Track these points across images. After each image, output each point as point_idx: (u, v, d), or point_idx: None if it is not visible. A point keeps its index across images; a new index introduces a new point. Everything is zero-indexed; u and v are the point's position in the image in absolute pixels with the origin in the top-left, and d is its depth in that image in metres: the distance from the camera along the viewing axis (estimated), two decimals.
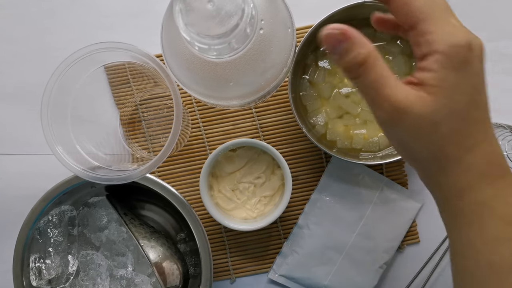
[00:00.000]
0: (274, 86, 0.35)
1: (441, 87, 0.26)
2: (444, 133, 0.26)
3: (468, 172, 0.27)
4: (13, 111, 0.54)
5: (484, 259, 0.27)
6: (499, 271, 0.26)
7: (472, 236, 0.27)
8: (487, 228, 0.27)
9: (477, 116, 0.27)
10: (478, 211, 0.27)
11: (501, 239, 0.26)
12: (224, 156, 0.51)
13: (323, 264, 0.52)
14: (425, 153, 0.27)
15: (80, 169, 0.41)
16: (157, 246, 0.46)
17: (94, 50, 0.41)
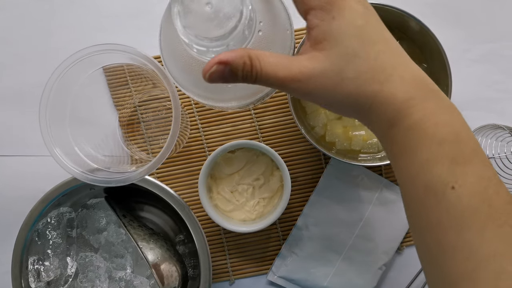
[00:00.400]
0: (272, 88, 0.35)
1: (327, 39, 0.27)
2: (352, 76, 0.27)
3: (391, 101, 0.27)
4: (12, 112, 0.54)
5: (419, 182, 0.27)
6: (435, 192, 0.26)
7: (407, 162, 0.28)
8: (419, 152, 0.27)
9: (376, 50, 0.27)
10: (409, 136, 0.27)
11: (433, 160, 0.26)
12: (223, 157, 0.51)
13: (322, 265, 0.52)
14: (350, 100, 0.28)
15: (79, 171, 0.41)
16: (156, 248, 0.46)
17: (93, 52, 0.40)
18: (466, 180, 0.26)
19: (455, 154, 0.26)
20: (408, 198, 0.29)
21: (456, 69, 0.46)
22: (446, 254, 0.26)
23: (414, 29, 0.46)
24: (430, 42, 0.46)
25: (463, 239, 0.26)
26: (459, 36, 0.54)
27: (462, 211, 0.26)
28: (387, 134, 0.28)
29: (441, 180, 0.26)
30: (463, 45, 0.54)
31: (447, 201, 0.26)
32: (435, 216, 0.27)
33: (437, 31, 0.45)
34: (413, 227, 0.29)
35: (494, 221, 0.25)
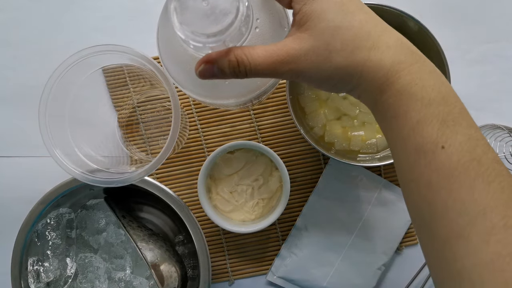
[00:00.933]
0: (270, 85, 0.35)
1: (310, 19, 0.28)
2: (339, 48, 0.28)
3: (380, 67, 0.28)
4: (11, 114, 0.54)
5: (410, 144, 0.28)
6: (425, 153, 0.27)
7: (399, 126, 0.28)
8: (410, 114, 0.28)
9: (359, 20, 0.28)
10: (399, 100, 0.28)
11: (423, 122, 0.27)
12: (222, 158, 0.51)
13: (321, 265, 0.52)
14: (340, 73, 0.28)
15: (79, 172, 0.41)
16: (155, 249, 0.46)
17: (92, 53, 0.41)
18: (455, 139, 0.27)
19: (444, 115, 0.27)
20: (400, 162, 0.29)
21: (454, 69, 0.46)
22: (437, 214, 0.27)
23: (413, 30, 0.46)
24: (428, 42, 0.46)
25: (453, 197, 0.26)
26: (458, 37, 0.54)
27: (452, 170, 0.26)
28: (379, 101, 0.29)
29: (431, 141, 0.27)
30: (461, 45, 0.54)
31: (438, 161, 0.27)
32: (426, 176, 0.27)
33: (436, 32, 0.45)
34: (405, 190, 0.30)
35: (484, 178, 0.26)
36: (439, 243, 0.27)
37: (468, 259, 0.25)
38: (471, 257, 0.25)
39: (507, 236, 0.25)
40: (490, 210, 0.25)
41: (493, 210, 0.25)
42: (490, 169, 0.27)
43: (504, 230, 0.25)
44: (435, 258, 0.28)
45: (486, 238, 0.25)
